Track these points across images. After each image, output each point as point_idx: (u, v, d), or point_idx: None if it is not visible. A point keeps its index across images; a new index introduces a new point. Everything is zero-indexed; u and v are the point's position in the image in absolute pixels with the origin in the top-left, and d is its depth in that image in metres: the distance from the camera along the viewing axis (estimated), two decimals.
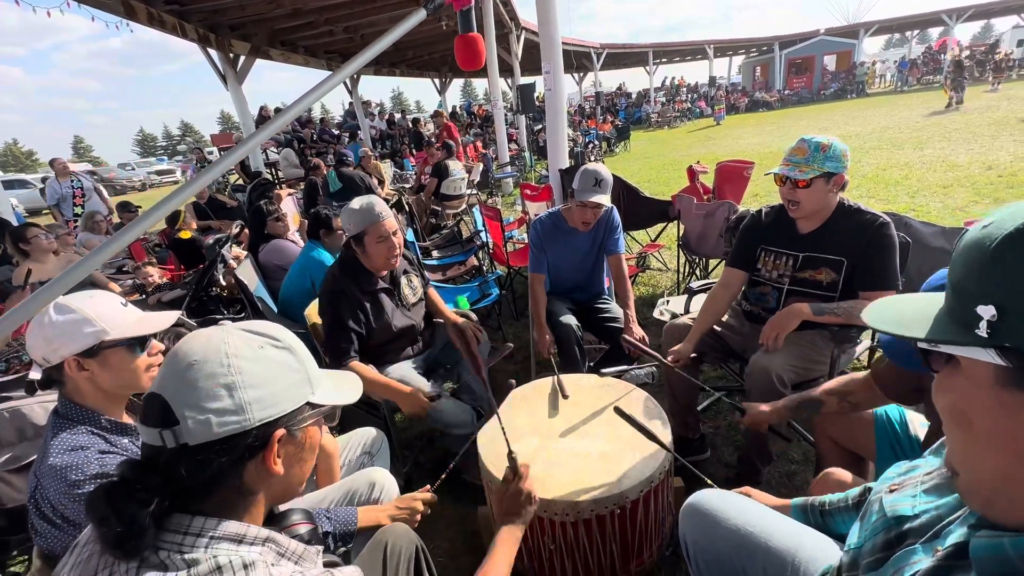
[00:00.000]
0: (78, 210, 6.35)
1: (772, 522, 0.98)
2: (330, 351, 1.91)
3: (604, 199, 2.20)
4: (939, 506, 0.61)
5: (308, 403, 0.72)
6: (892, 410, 1.41)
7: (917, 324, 0.51)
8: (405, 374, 2.02)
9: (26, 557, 1.83)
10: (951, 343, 0.48)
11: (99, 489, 0.61)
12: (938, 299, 0.52)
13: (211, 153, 14.26)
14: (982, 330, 0.45)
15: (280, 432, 0.68)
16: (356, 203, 1.95)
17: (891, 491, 0.70)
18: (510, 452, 1.17)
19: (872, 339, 2.09)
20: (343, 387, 0.82)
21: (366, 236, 1.92)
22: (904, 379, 1.27)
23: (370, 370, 1.91)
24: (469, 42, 1.37)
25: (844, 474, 1.20)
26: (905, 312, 0.54)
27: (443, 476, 1.44)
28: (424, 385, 1.97)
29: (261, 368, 0.68)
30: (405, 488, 1.44)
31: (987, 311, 0.44)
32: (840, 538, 0.94)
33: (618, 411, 1.51)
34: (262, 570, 0.62)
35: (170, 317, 1.20)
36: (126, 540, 0.59)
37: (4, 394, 1.58)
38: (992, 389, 0.46)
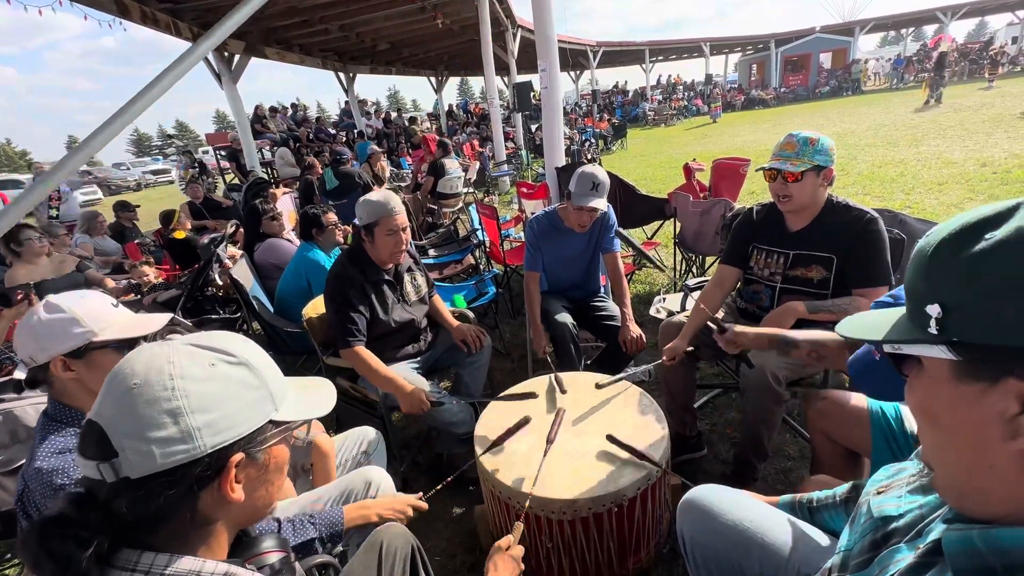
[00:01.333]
0: (53, 211, 6.36)
1: (769, 518, 0.99)
2: (338, 333, 1.94)
3: (601, 203, 2.20)
4: (922, 505, 0.63)
5: (271, 421, 0.67)
6: (887, 406, 1.41)
7: (879, 329, 0.55)
8: (403, 374, 2.02)
9: (19, 560, 1.82)
10: (906, 342, 0.52)
11: (32, 527, 0.56)
12: (903, 310, 0.57)
13: (206, 153, 14.21)
14: (932, 327, 0.49)
15: (237, 457, 0.62)
16: (374, 195, 2.03)
17: (879, 493, 0.71)
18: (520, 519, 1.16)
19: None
20: (313, 398, 0.76)
21: (376, 227, 1.97)
22: None
23: (374, 358, 1.93)
24: None
25: (833, 481, 1.22)
26: (873, 321, 0.59)
27: (438, 487, 1.43)
28: (425, 386, 1.98)
29: (212, 388, 0.61)
30: (401, 489, 1.43)
31: (934, 309, 0.49)
32: (833, 534, 0.95)
33: (611, 439, 1.51)
34: None
35: (162, 319, 1.19)
36: None
37: None
38: (950, 383, 0.49)
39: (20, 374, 1.53)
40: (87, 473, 0.59)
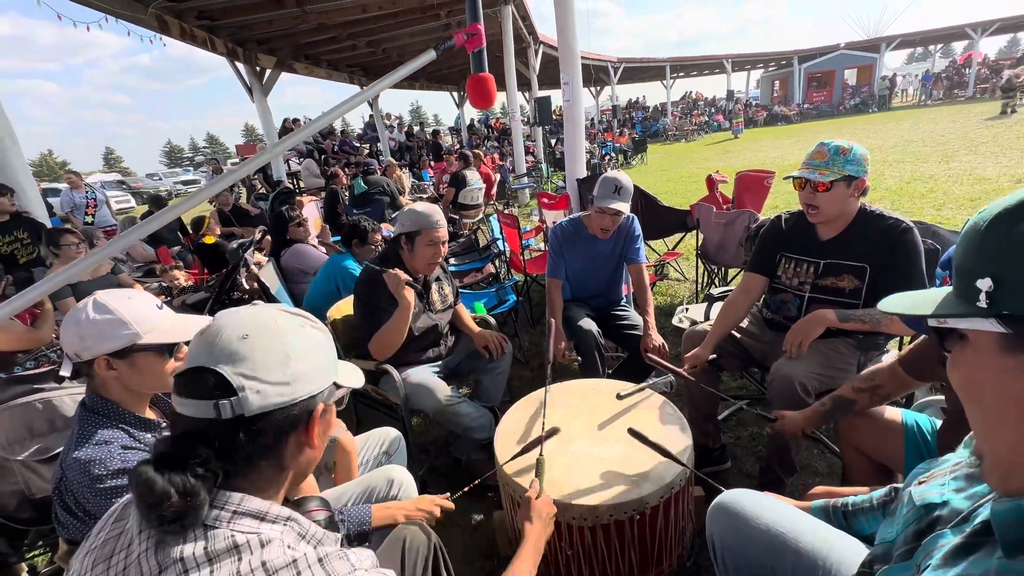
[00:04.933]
0: (88, 219, 6.62)
1: (803, 523, 0.96)
2: (367, 332, 1.98)
3: (623, 206, 2.20)
4: (969, 495, 0.62)
5: (335, 383, 0.75)
6: (923, 420, 1.37)
7: (926, 305, 0.57)
8: (425, 378, 2.03)
9: (47, 549, 1.86)
10: (955, 316, 0.53)
11: (142, 470, 0.60)
12: (948, 288, 0.57)
13: (236, 163, 14.66)
14: (982, 301, 0.49)
15: (321, 406, 0.71)
16: (420, 206, 2.08)
17: (920, 484, 0.71)
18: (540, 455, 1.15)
19: (899, 347, 2.03)
20: (351, 372, 0.83)
21: (419, 236, 2.02)
22: (926, 357, 1.26)
23: (389, 325, 1.96)
24: (481, 82, 1.42)
25: (829, 489, 1.22)
26: (918, 298, 0.60)
27: (466, 489, 1.42)
28: (445, 388, 1.99)
29: (305, 344, 0.70)
30: (420, 492, 1.43)
31: (984, 283, 0.49)
32: (867, 540, 0.92)
33: (632, 432, 1.48)
34: (277, 547, 0.62)
35: (203, 323, 1.22)
36: (186, 514, 0.58)
37: (36, 386, 1.63)
38: (997, 356, 0.50)
39: (65, 371, 1.58)
40: (197, 413, 0.63)
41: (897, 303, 0.61)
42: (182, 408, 0.65)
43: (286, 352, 0.67)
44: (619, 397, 1.77)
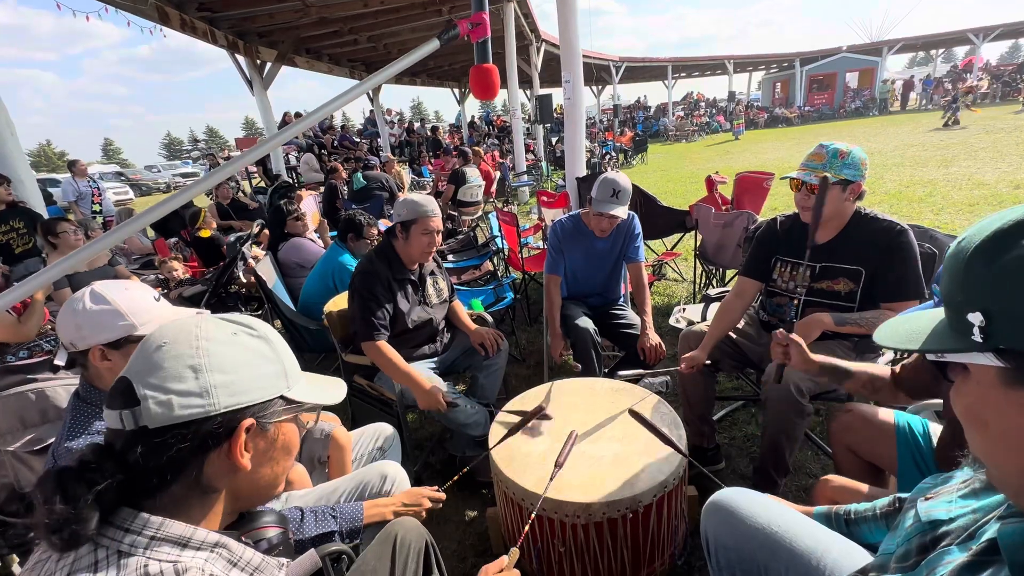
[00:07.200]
0: (96, 207, 6.57)
1: (798, 524, 0.96)
2: (362, 326, 1.97)
3: (621, 211, 2.20)
4: (976, 509, 0.61)
5: (283, 397, 0.68)
6: (915, 422, 1.37)
7: (920, 338, 0.54)
8: (423, 375, 2.03)
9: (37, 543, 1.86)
10: (950, 351, 0.50)
11: (52, 469, 0.58)
12: (941, 313, 0.55)
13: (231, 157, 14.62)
14: (976, 335, 0.47)
15: (248, 422, 0.64)
16: (416, 196, 2.09)
17: (927, 499, 0.70)
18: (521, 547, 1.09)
19: (895, 352, 2.04)
20: (324, 388, 0.77)
21: (414, 225, 2.02)
22: (920, 374, 1.24)
23: (395, 354, 1.94)
24: (484, 72, 1.39)
25: (844, 480, 1.20)
26: (912, 328, 0.57)
27: (455, 478, 1.43)
28: (442, 386, 1.99)
29: (232, 352, 0.65)
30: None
31: (976, 318, 0.47)
32: (867, 547, 0.92)
33: (633, 413, 1.49)
34: None
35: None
36: (65, 525, 0.54)
37: (30, 376, 1.62)
38: (999, 389, 0.48)
39: (60, 361, 1.58)
40: (110, 424, 0.62)
41: (890, 335, 0.58)
42: (105, 418, 0.63)
43: (203, 361, 0.62)
44: (617, 376, 1.79)
